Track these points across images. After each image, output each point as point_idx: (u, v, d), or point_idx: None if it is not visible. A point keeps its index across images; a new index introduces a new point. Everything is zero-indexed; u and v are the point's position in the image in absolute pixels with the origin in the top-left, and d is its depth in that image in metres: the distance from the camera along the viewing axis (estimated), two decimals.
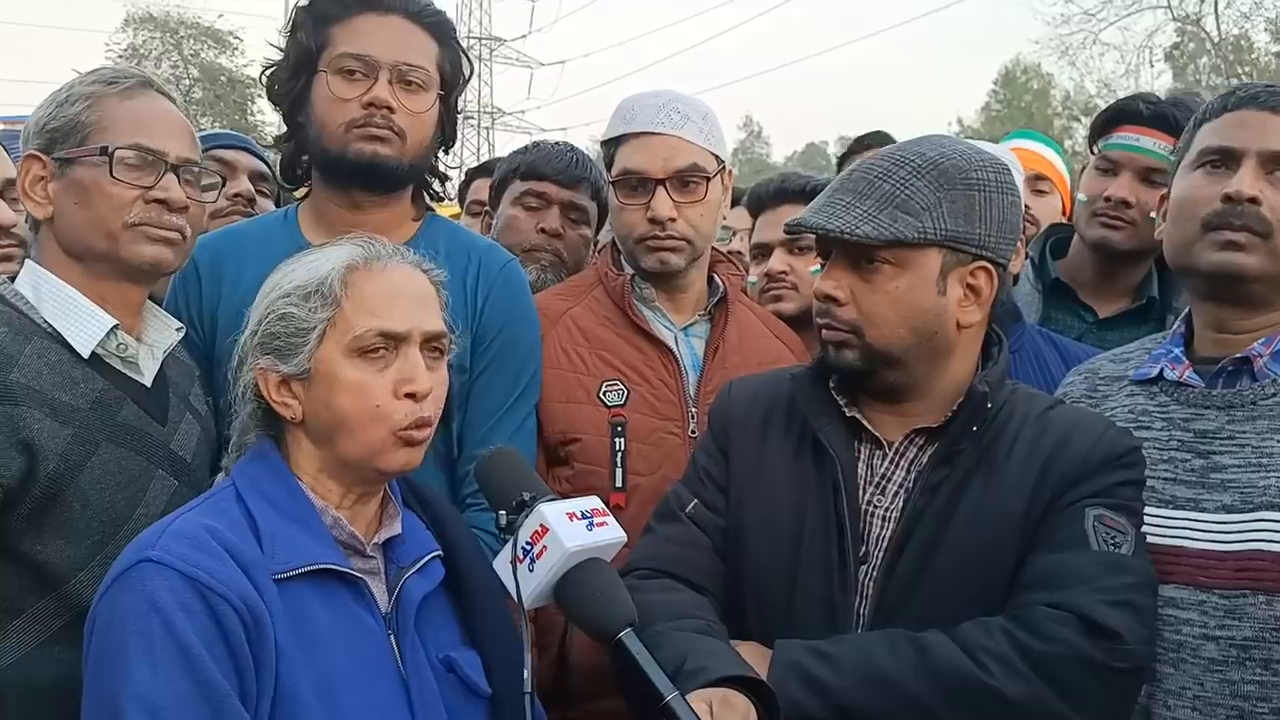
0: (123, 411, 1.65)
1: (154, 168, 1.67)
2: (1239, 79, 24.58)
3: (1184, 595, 1.64)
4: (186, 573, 1.29)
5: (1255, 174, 1.69)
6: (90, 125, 1.65)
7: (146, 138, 1.67)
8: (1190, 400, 1.75)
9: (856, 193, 1.60)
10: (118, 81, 1.69)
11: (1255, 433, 1.67)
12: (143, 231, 1.67)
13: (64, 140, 1.65)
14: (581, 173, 2.73)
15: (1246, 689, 1.59)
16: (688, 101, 2.17)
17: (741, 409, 1.80)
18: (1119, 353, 1.95)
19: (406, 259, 1.53)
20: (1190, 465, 1.70)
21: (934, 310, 1.59)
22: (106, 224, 1.65)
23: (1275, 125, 1.71)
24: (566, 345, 2.16)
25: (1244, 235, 1.69)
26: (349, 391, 1.44)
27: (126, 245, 1.66)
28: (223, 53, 32.11)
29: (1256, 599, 1.59)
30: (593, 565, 1.41)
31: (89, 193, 1.64)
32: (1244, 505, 1.63)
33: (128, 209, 1.65)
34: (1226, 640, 1.60)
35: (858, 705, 1.48)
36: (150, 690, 1.24)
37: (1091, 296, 2.65)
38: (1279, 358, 1.70)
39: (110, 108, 1.67)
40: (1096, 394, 1.89)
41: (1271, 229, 1.68)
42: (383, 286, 1.47)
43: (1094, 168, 2.61)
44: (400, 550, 1.53)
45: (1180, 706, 1.63)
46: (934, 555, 1.58)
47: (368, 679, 1.41)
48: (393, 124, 1.93)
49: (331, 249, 1.52)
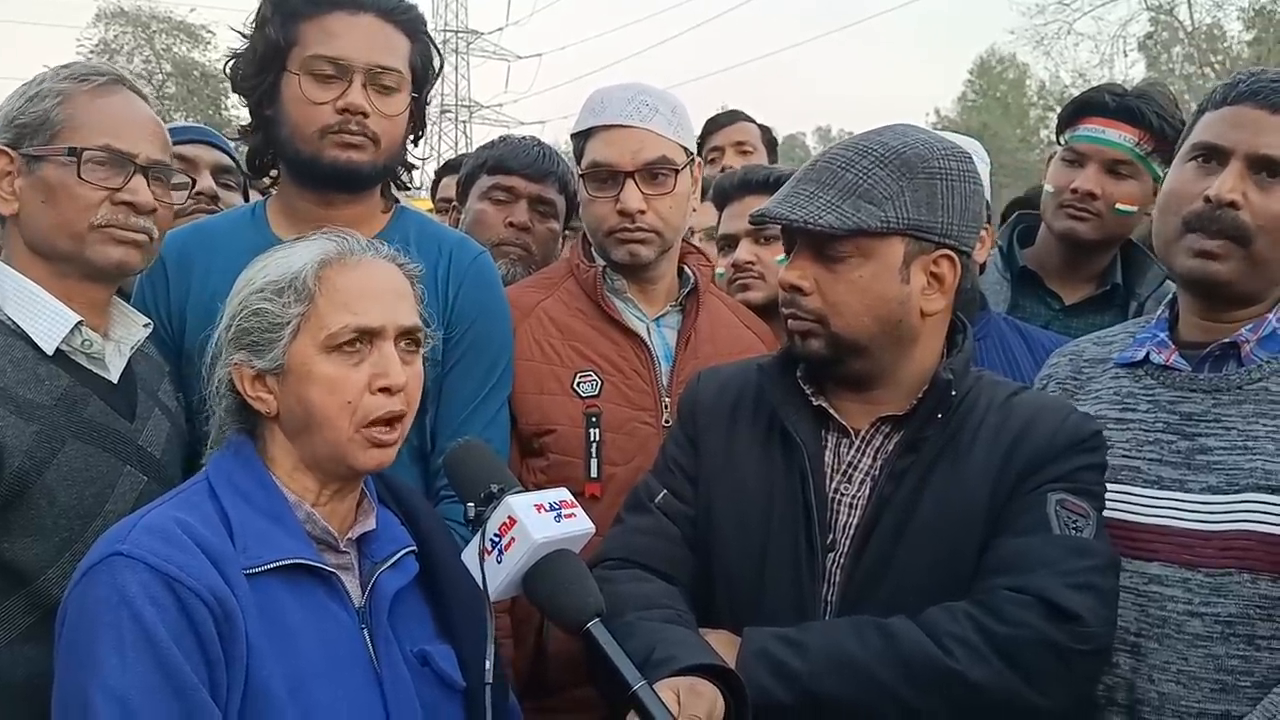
0: (88, 408, 1.64)
1: (122, 169, 1.66)
2: (1212, 68, 24.83)
3: (1169, 573, 1.66)
4: (157, 566, 1.29)
5: (1239, 176, 1.67)
6: (59, 123, 1.63)
7: (116, 138, 1.65)
8: (1176, 384, 1.76)
9: (820, 183, 1.61)
10: (89, 79, 1.68)
11: (1241, 416, 1.68)
12: (109, 233, 1.65)
13: (32, 136, 1.64)
14: (549, 166, 2.74)
15: (1230, 663, 1.61)
16: (656, 94, 2.18)
17: (710, 398, 1.81)
18: (1102, 335, 1.96)
19: (381, 253, 1.53)
20: (1176, 447, 1.72)
21: (898, 299, 1.61)
22: (72, 225, 1.64)
23: (1269, 125, 1.67)
24: (539, 337, 2.17)
25: (1219, 243, 1.68)
26: (323, 386, 1.44)
27: (92, 246, 1.65)
28: (195, 47, 31.78)
29: (1241, 577, 1.61)
30: (561, 557, 1.42)
31: (55, 192, 1.63)
32: (1230, 486, 1.64)
33: (94, 210, 1.64)
34: (1211, 616, 1.63)
35: (825, 691, 1.49)
36: (119, 682, 1.24)
37: (1058, 284, 2.68)
38: (1265, 343, 1.72)
39: (80, 106, 1.65)
40: (1081, 375, 1.90)
41: (1250, 235, 1.67)
42: (356, 281, 1.47)
43: (1060, 159, 2.64)
44: (374, 545, 1.53)
45: (1165, 680, 1.65)
46: (900, 542, 1.60)
47: (340, 673, 1.41)
48: (367, 129, 1.92)
49: (304, 244, 1.51)
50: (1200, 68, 25.87)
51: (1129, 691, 1.68)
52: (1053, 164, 2.68)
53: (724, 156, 4.08)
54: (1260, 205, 1.66)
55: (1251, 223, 1.66)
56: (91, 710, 1.24)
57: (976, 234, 1.68)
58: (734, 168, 3.93)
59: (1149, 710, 1.66)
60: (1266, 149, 1.67)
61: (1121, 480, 1.73)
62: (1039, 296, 2.69)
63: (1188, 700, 1.63)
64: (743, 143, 4.10)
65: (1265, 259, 1.68)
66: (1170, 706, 1.64)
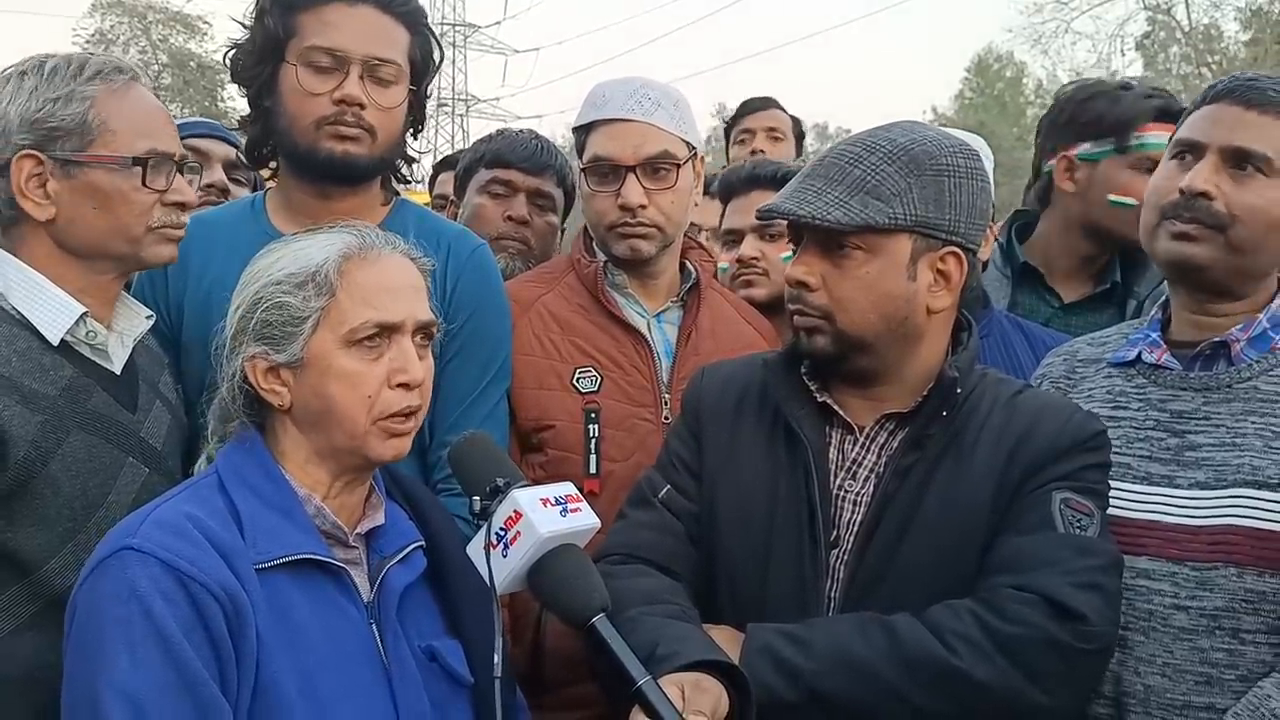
0: (92, 399, 1.64)
1: (166, 169, 1.68)
2: (1209, 68, 24.85)
3: (1156, 567, 1.68)
4: (167, 561, 1.29)
5: (1212, 168, 1.72)
6: (96, 127, 1.62)
7: (157, 140, 1.67)
8: (1167, 382, 1.78)
9: (828, 178, 1.60)
10: (113, 78, 1.66)
11: (1230, 414, 1.70)
12: (163, 234, 1.69)
13: (65, 140, 1.61)
14: (547, 160, 2.73)
15: (1215, 657, 1.63)
16: (659, 88, 2.17)
17: (714, 394, 1.80)
18: (1096, 336, 1.98)
19: (398, 248, 1.53)
20: (1165, 444, 1.73)
21: (904, 296, 1.60)
22: (130, 229, 1.66)
23: (1245, 120, 1.71)
24: (539, 332, 2.16)
25: (1194, 227, 1.72)
26: (343, 381, 1.44)
27: (148, 248, 1.69)
28: (192, 38, 31.67)
29: (1228, 571, 1.63)
30: (566, 551, 1.42)
31: (111, 199, 1.63)
32: (1217, 482, 1.66)
33: (150, 214, 1.67)
34: (1197, 610, 1.64)
35: (829, 688, 1.49)
36: (130, 679, 1.24)
37: (1058, 281, 2.68)
38: (1255, 343, 1.74)
39: (111, 109, 1.64)
40: (1075, 375, 1.92)
41: (1224, 223, 1.70)
42: (377, 277, 1.47)
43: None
44: (383, 540, 1.53)
45: (1150, 673, 1.66)
46: (904, 539, 1.60)
47: (349, 668, 1.41)
48: (363, 121, 1.91)
49: (322, 236, 1.51)
50: (1197, 68, 25.90)
51: (1115, 684, 1.69)
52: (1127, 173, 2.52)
53: (754, 139, 4.14)
54: (1234, 196, 1.70)
55: (1226, 212, 1.70)
56: (102, 707, 1.23)
57: (983, 232, 1.68)
58: (763, 151, 3.96)
59: (1134, 703, 1.67)
60: (1240, 141, 1.71)
61: (1112, 476, 1.73)
62: (1038, 294, 2.69)
63: (1172, 693, 1.64)
64: (774, 129, 4.16)
65: (1242, 246, 1.71)
66: (1155, 699, 1.66)
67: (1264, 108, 1.71)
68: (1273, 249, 1.73)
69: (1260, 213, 1.70)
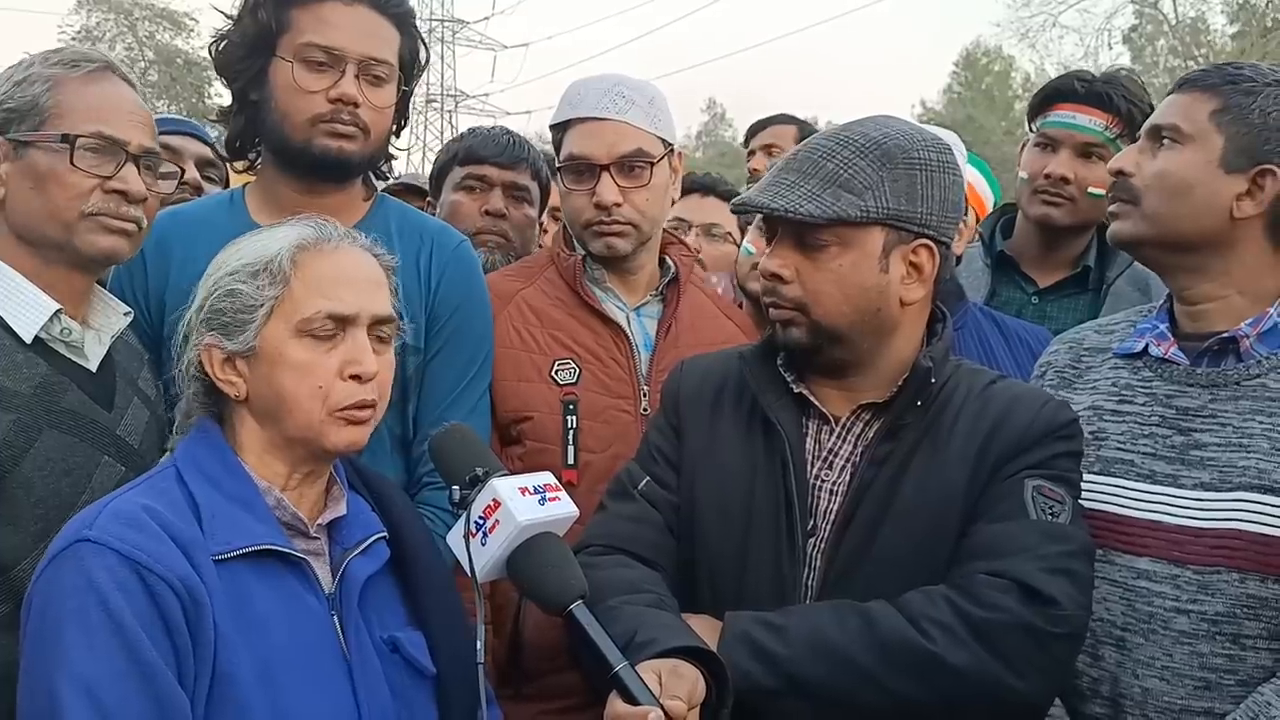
0: (66, 397, 1.63)
1: (114, 157, 1.65)
2: (1196, 61, 24.90)
3: (1158, 569, 1.67)
4: (124, 552, 1.29)
5: (1138, 149, 1.80)
6: (49, 109, 1.62)
7: (107, 125, 1.64)
8: (1174, 377, 1.76)
9: (801, 172, 1.62)
10: (80, 65, 1.66)
11: (1237, 412, 1.68)
12: (99, 221, 1.64)
13: (20, 121, 1.61)
14: (519, 153, 2.75)
15: (1215, 661, 1.62)
16: (633, 86, 2.18)
17: (693, 387, 1.82)
18: (1104, 323, 1.97)
19: (358, 242, 1.52)
20: (1171, 442, 1.72)
21: (877, 288, 1.62)
22: (62, 213, 1.63)
23: (1169, 101, 1.78)
24: (518, 325, 2.17)
25: (1117, 205, 1.81)
26: (294, 370, 1.43)
27: (82, 235, 1.64)
28: (178, 34, 31.51)
29: (1230, 575, 1.61)
30: (545, 539, 1.43)
31: (45, 179, 1.62)
32: (1222, 484, 1.64)
33: (85, 198, 1.63)
34: (1198, 614, 1.63)
35: (806, 675, 1.50)
36: (87, 670, 1.24)
37: (1033, 268, 2.72)
38: (1265, 339, 1.71)
39: (71, 92, 1.63)
40: (1080, 364, 1.91)
41: (1138, 196, 1.76)
42: (332, 268, 1.47)
43: (1033, 145, 2.68)
44: (345, 531, 1.52)
45: (1149, 676, 1.66)
46: (880, 528, 1.61)
47: (309, 660, 1.40)
48: (358, 120, 1.92)
49: (281, 228, 1.51)
50: (1184, 61, 25.95)
51: (1113, 685, 1.70)
52: (1026, 151, 2.73)
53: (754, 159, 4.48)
54: (1146, 168, 1.76)
55: (1139, 184, 1.76)
56: (59, 698, 1.23)
57: (955, 225, 1.69)
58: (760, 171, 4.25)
59: (1131, 705, 1.68)
60: (1156, 119, 1.79)
61: (1115, 473, 1.75)
62: (1015, 281, 2.73)
63: (1170, 696, 1.64)
64: (771, 145, 4.40)
65: (1155, 212, 1.75)
66: (1153, 702, 1.66)
67: (1187, 87, 1.76)
68: (1186, 215, 1.72)
69: (1162, 177, 1.73)
